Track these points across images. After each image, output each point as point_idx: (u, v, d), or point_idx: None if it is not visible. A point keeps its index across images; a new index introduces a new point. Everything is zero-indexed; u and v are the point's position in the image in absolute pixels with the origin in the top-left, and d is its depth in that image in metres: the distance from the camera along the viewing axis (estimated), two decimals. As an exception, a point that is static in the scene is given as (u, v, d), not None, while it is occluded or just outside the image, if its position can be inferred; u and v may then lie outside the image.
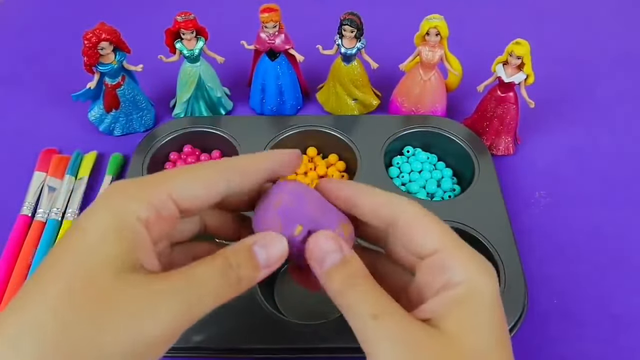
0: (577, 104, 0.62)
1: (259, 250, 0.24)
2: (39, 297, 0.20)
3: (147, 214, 0.22)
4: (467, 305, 0.23)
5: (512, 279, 0.42)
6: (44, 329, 0.20)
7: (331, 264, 0.24)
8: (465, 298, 0.23)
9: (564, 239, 0.49)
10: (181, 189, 0.24)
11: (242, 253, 0.24)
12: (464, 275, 0.23)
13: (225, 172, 0.25)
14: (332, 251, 0.25)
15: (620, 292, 0.46)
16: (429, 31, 0.51)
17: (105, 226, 0.22)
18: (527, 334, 0.42)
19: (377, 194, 0.27)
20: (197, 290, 0.22)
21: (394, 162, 0.54)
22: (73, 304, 0.20)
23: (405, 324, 0.23)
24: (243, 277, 0.24)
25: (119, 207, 0.22)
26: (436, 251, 0.24)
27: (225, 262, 0.23)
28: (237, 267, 0.23)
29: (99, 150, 0.55)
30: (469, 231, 0.45)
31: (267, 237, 0.25)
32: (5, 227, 0.48)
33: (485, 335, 0.23)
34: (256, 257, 0.24)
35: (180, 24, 0.52)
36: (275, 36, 0.54)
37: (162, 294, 0.21)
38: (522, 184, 0.53)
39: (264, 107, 0.59)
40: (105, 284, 0.21)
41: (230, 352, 0.39)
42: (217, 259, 0.23)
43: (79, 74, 0.53)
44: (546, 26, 0.72)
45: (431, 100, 0.56)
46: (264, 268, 0.24)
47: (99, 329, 0.20)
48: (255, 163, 0.26)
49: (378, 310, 0.23)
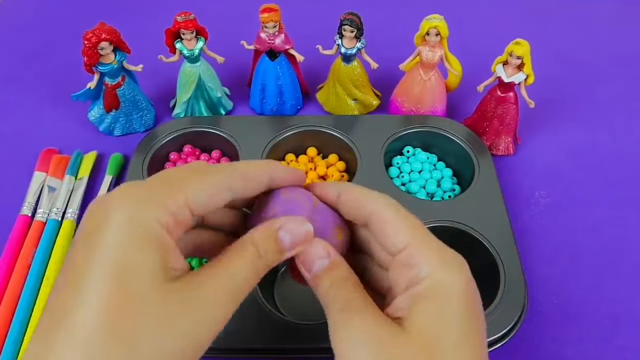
0: (577, 104, 0.62)
1: (284, 235, 0.25)
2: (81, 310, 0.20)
3: (166, 219, 0.22)
4: (431, 300, 0.23)
5: (512, 279, 0.42)
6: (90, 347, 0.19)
7: (318, 268, 0.25)
8: (430, 293, 0.23)
9: (564, 239, 0.49)
10: (194, 196, 0.24)
11: (269, 240, 0.25)
12: (428, 271, 0.24)
13: (230, 179, 0.25)
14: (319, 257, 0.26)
15: (620, 292, 0.46)
16: (429, 31, 0.51)
17: (130, 237, 0.21)
18: (527, 334, 0.42)
19: (354, 190, 0.27)
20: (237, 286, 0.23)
21: (394, 162, 0.54)
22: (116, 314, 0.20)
23: (371, 323, 0.23)
24: (270, 264, 0.25)
25: (140, 215, 0.22)
26: (405, 247, 0.25)
27: (254, 251, 0.24)
28: (265, 254, 0.24)
29: (99, 150, 0.55)
30: (469, 231, 0.45)
31: (292, 221, 0.25)
32: (5, 227, 0.48)
33: (452, 329, 0.23)
34: (282, 242, 0.25)
35: (180, 24, 0.52)
36: (275, 36, 0.54)
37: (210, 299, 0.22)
38: (522, 184, 0.53)
39: (264, 107, 0.59)
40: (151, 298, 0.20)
41: (230, 352, 0.39)
42: (247, 248, 0.24)
43: (79, 74, 0.53)
44: (546, 26, 0.72)
45: (431, 100, 0.56)
46: (287, 251, 0.25)
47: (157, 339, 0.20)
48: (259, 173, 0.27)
49: (345, 306, 0.24)
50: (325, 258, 0.26)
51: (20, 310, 0.43)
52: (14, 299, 0.43)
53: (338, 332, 0.24)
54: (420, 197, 0.50)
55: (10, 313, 0.43)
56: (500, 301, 0.41)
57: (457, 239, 0.45)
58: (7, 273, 0.45)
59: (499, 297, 0.41)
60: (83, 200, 0.51)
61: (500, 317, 0.40)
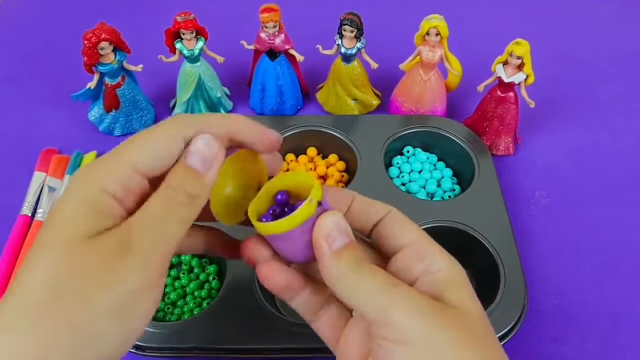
0: (577, 104, 0.62)
1: (191, 159, 0.24)
2: (27, 279, 0.21)
3: (113, 188, 0.23)
4: (458, 283, 0.26)
5: (512, 279, 0.42)
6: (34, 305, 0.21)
7: (340, 244, 0.25)
8: (451, 279, 0.26)
9: (564, 239, 0.49)
10: (139, 157, 0.24)
11: (177, 171, 0.24)
12: (442, 264, 0.26)
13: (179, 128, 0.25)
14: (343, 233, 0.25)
15: (620, 292, 0.46)
16: (429, 31, 0.51)
17: (75, 203, 0.23)
18: (527, 334, 0.42)
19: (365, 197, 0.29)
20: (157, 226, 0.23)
21: (394, 162, 0.54)
22: (58, 275, 0.21)
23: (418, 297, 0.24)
24: (191, 193, 0.24)
25: (86, 186, 0.23)
26: (414, 242, 0.27)
27: (167, 187, 0.24)
28: (179, 185, 0.24)
29: (99, 150, 0.55)
30: (469, 231, 0.45)
31: (196, 141, 0.25)
32: (5, 227, 0.48)
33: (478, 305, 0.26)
34: (193, 167, 0.24)
35: (180, 24, 0.52)
36: (275, 36, 0.54)
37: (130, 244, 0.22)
38: (522, 184, 0.53)
39: (264, 107, 0.59)
40: (83, 250, 0.22)
41: (230, 352, 0.39)
42: (160, 188, 0.24)
43: (79, 74, 0.53)
44: (546, 26, 0.72)
45: (431, 100, 0.56)
46: (204, 172, 0.24)
47: (85, 289, 0.21)
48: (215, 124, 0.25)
49: (395, 282, 0.25)
50: (345, 235, 0.25)
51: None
52: (14, 299, 0.43)
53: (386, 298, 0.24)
54: (420, 197, 0.50)
55: (10, 313, 0.43)
56: (500, 301, 0.41)
57: (457, 239, 0.45)
58: (7, 273, 0.45)
59: (499, 297, 0.41)
60: (83, 200, 0.51)
61: (500, 317, 0.40)
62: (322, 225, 0.25)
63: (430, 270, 0.26)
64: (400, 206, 0.29)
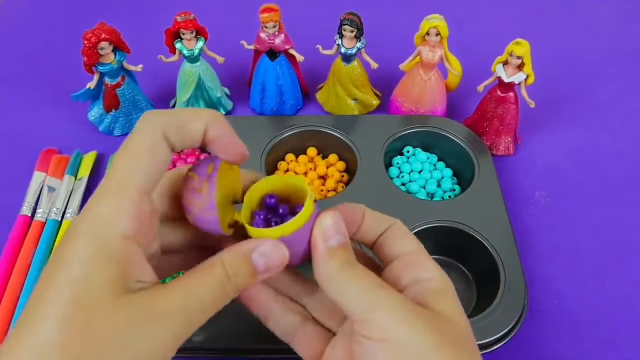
0: (577, 104, 0.62)
1: (257, 258, 0.24)
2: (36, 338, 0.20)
3: (131, 226, 0.22)
4: (445, 293, 0.26)
5: (512, 279, 0.42)
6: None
7: (336, 243, 0.25)
8: (444, 288, 0.26)
9: (564, 239, 0.49)
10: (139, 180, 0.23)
11: (239, 261, 0.24)
12: (434, 274, 0.26)
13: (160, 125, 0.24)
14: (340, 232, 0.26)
15: (621, 292, 0.45)
16: (429, 31, 0.51)
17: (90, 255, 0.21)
18: (527, 334, 0.42)
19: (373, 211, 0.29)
20: (196, 305, 0.22)
21: (394, 162, 0.54)
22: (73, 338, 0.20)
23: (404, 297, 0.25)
24: (240, 286, 0.24)
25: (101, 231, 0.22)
26: (412, 252, 0.27)
27: (223, 272, 0.23)
28: (235, 276, 0.24)
29: (98, 150, 0.55)
30: (469, 231, 0.45)
31: (267, 245, 0.25)
32: (5, 227, 0.48)
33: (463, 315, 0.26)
34: (254, 265, 0.24)
35: (180, 24, 0.52)
36: (275, 36, 0.54)
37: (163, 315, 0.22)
38: (522, 184, 0.53)
39: (264, 107, 0.59)
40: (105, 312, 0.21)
41: (230, 352, 0.39)
42: (215, 268, 0.23)
43: (79, 74, 0.53)
44: (546, 26, 0.72)
45: (431, 100, 0.56)
46: (261, 274, 0.25)
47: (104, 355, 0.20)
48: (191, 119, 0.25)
49: (382, 284, 0.25)
50: (342, 235, 0.26)
51: (20, 310, 0.43)
52: (14, 299, 0.43)
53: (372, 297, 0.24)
54: (420, 197, 0.50)
55: (10, 313, 0.43)
56: (500, 301, 0.41)
57: (457, 239, 0.45)
58: (7, 273, 0.45)
59: (499, 297, 0.41)
60: (83, 200, 0.51)
61: (500, 317, 0.40)
62: (323, 222, 0.26)
63: (421, 279, 0.26)
64: (400, 206, 0.29)
